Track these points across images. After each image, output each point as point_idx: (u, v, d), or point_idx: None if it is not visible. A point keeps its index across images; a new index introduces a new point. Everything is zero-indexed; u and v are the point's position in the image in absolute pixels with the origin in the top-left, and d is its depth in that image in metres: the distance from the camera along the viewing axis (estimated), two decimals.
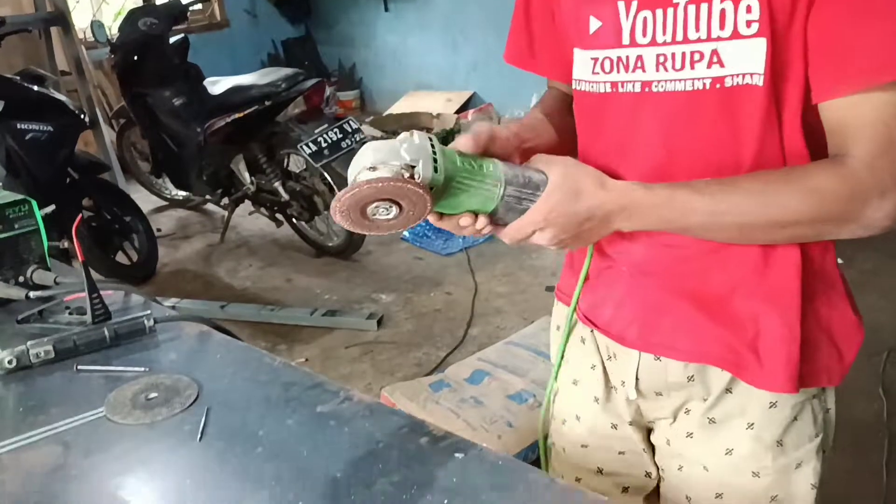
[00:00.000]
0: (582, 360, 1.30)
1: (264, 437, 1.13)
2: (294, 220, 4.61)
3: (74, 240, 1.45)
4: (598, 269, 1.18)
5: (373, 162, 0.94)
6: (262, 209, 4.70)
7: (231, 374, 1.34)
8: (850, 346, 1.12)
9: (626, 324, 1.18)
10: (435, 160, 0.95)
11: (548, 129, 1.23)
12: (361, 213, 0.96)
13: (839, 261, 1.10)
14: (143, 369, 1.35)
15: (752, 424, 1.12)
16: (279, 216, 4.66)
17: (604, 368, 1.26)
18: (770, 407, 1.10)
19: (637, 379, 1.19)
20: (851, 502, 2.41)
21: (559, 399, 1.37)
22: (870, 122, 0.92)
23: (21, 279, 1.64)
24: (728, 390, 1.12)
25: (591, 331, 1.27)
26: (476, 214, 1.01)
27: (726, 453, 1.14)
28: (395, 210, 0.95)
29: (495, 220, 1.03)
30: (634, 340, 1.17)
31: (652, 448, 1.29)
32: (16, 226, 1.62)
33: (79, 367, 1.37)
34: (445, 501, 0.99)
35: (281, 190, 4.39)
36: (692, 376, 1.13)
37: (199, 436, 1.15)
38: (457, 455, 1.08)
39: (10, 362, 1.34)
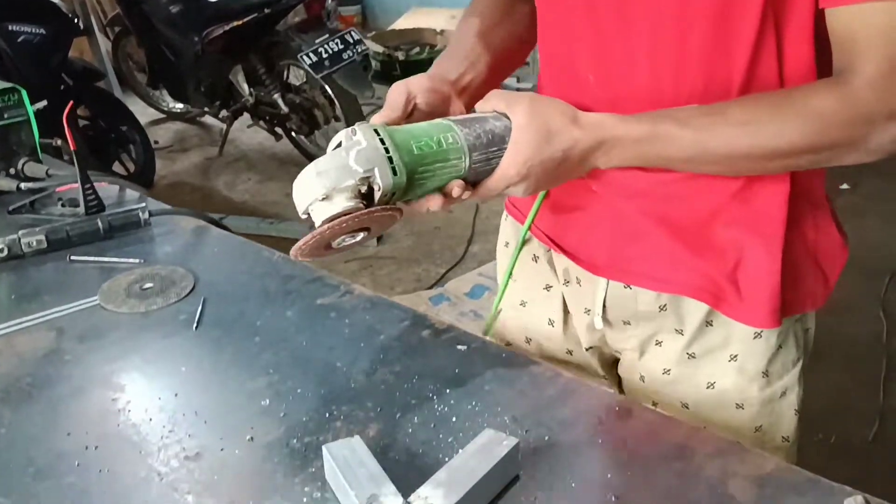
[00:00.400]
0: (534, 279, 1.21)
1: (262, 327, 1.11)
2: (293, 133, 4.52)
3: (65, 126, 1.39)
4: (566, 186, 1.00)
5: (324, 191, 0.79)
6: (261, 122, 4.61)
7: (229, 267, 1.31)
8: (834, 267, 1.05)
9: (596, 248, 1.08)
10: (391, 160, 0.80)
11: (485, 54, 1.07)
12: (325, 248, 0.86)
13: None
14: (137, 261, 1.31)
15: (736, 356, 1.05)
16: (278, 129, 4.58)
17: (562, 291, 1.18)
18: (755, 338, 1.03)
19: (604, 307, 1.10)
20: (848, 419, 2.43)
21: (505, 322, 1.28)
22: (881, 35, 0.80)
23: (12, 171, 1.59)
24: (708, 323, 1.04)
25: (549, 250, 1.17)
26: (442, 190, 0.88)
27: (708, 387, 1.07)
28: (361, 233, 0.86)
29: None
30: (604, 267, 1.07)
31: (616, 378, 1.21)
32: (5, 115, 1.57)
33: (72, 257, 1.33)
34: (447, 391, 0.96)
35: (280, 102, 4.30)
36: (664, 306, 1.05)
37: (195, 325, 1.13)
38: (459, 347, 1.05)
39: (1, 251, 1.31)
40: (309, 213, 0.82)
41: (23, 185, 1.53)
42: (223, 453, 0.88)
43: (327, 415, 0.93)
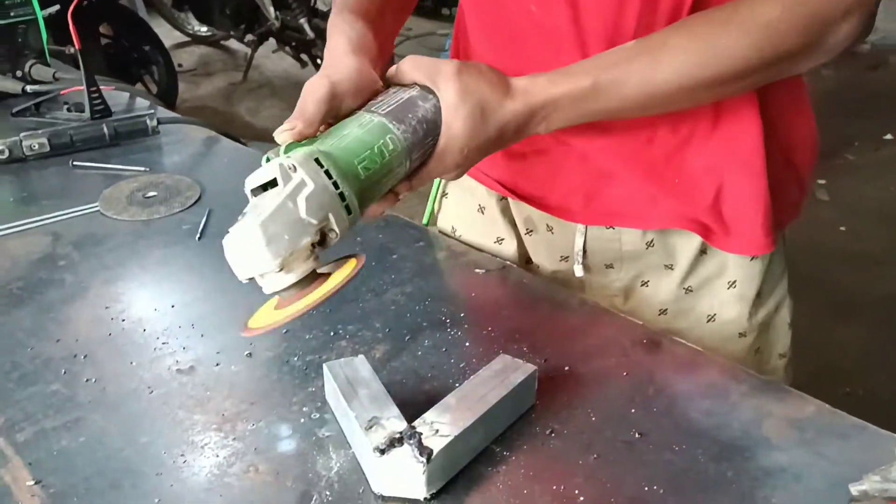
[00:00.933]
0: (482, 234, 1.08)
1: None
2: (319, 61, 4.42)
3: (70, 23, 1.31)
4: None
5: (279, 260, 0.62)
6: (287, 48, 4.51)
7: (237, 179, 1.20)
8: (808, 167, 0.98)
9: (566, 193, 0.97)
10: (342, 198, 0.65)
11: (384, 25, 0.90)
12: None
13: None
14: (142, 169, 1.25)
15: (734, 282, 0.97)
16: (304, 56, 4.48)
17: (518, 242, 1.07)
18: (751, 259, 0.96)
19: (584, 252, 1.00)
20: (875, 373, 2.35)
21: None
22: None
23: (18, 73, 1.52)
24: (703, 252, 0.96)
25: (501, 199, 1.05)
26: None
27: (708, 320, 1.00)
28: None
29: None
30: (579, 212, 0.97)
31: None
32: (11, 14, 1.49)
33: (74, 163, 1.27)
34: (462, 315, 0.90)
35: (307, 27, 4.18)
36: (651, 242, 0.97)
37: (198, 235, 1.06)
38: (477, 271, 0.98)
39: (1, 152, 1.25)
40: (268, 289, 0.66)
41: (28, 88, 1.46)
42: (218, 368, 0.82)
43: (332, 333, 0.87)
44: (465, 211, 1.09)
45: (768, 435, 0.72)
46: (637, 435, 0.72)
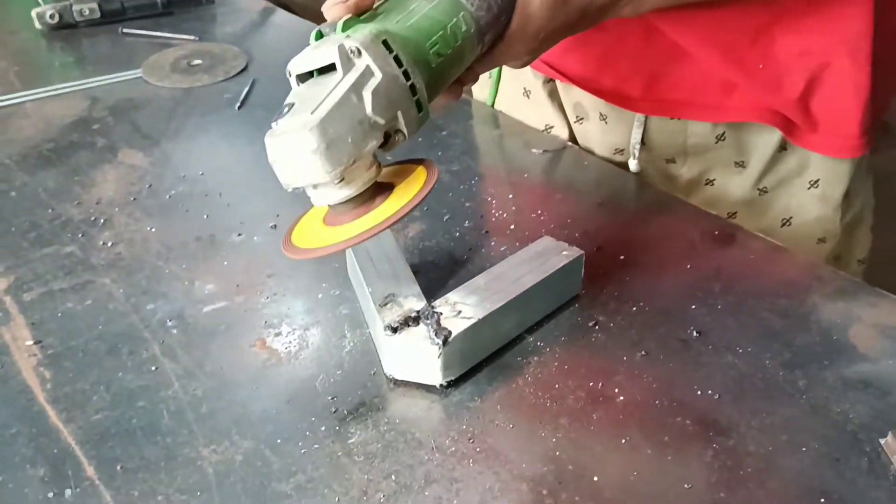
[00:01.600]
0: (530, 121, 0.96)
1: None
2: None
3: None
4: None
5: (339, 168, 0.50)
6: None
7: (287, 50, 1.13)
8: None
9: (625, 77, 0.84)
10: (414, 92, 0.52)
11: None
12: None
13: None
14: (191, 38, 1.18)
15: (817, 182, 0.84)
16: None
17: (570, 131, 0.94)
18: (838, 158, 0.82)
19: (642, 144, 0.88)
20: None
21: None
22: None
23: None
24: (782, 147, 0.83)
25: (549, 81, 0.93)
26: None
27: (783, 224, 0.87)
28: None
29: None
30: (639, 99, 0.84)
31: None
32: None
33: (124, 30, 1.21)
34: (510, 196, 0.80)
35: None
36: (722, 135, 0.84)
37: (238, 104, 0.99)
38: (534, 151, 0.88)
39: (51, 17, 1.20)
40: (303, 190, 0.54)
41: None
42: (240, 239, 0.76)
43: None
44: (509, 95, 0.98)
45: (854, 342, 0.61)
46: (695, 333, 0.62)
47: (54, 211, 0.80)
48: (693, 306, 0.65)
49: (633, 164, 0.89)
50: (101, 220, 0.79)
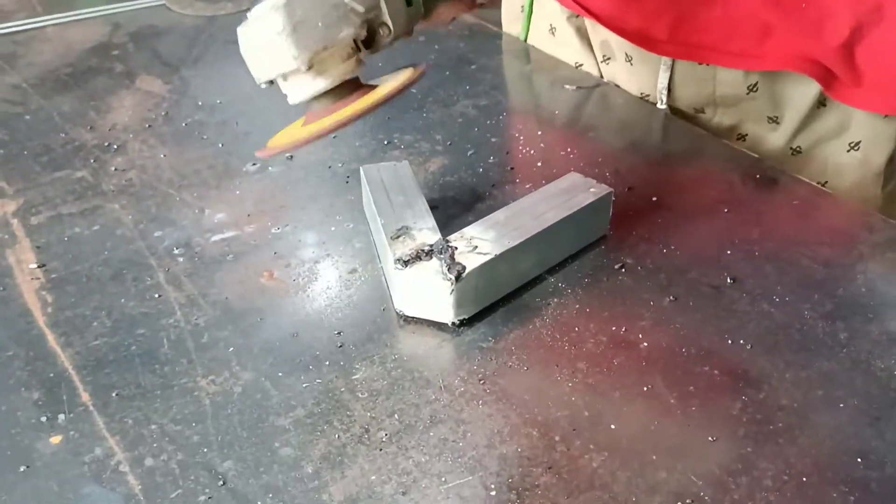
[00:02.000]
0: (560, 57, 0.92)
1: None
2: None
3: None
4: None
5: (307, 54, 0.47)
6: None
7: None
8: None
9: (651, 16, 0.78)
10: None
11: None
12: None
13: None
14: None
15: (858, 144, 0.76)
16: None
17: (599, 72, 0.89)
18: (884, 117, 0.73)
19: (669, 91, 0.82)
20: None
21: None
22: None
23: None
24: (821, 103, 0.76)
25: (575, 17, 0.88)
26: None
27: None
28: None
29: None
30: (666, 42, 0.78)
31: None
32: None
33: None
34: (539, 132, 0.76)
35: None
36: (754, 86, 0.77)
37: None
38: (567, 87, 0.83)
39: None
40: (273, 83, 0.51)
41: None
42: (255, 167, 0.73)
43: (386, 142, 0.75)
44: (540, 30, 0.92)
45: None
46: (729, 280, 0.58)
47: (68, 135, 0.78)
48: (728, 252, 0.61)
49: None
50: (115, 146, 0.76)
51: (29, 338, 0.55)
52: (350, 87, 0.50)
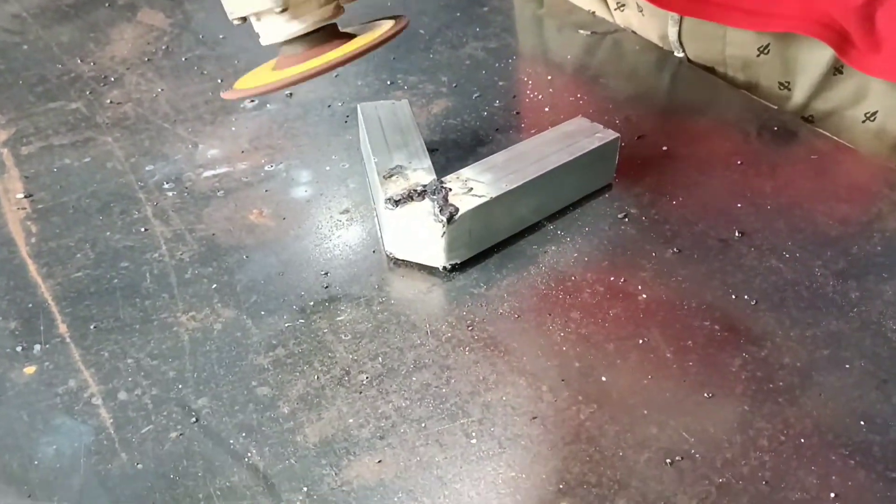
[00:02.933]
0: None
1: None
2: None
3: None
4: None
5: None
6: None
7: None
8: None
9: None
10: None
11: None
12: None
13: None
14: None
15: (874, 114, 0.70)
16: None
17: (612, 18, 0.85)
18: None
19: (680, 46, 0.77)
20: None
21: None
22: None
23: None
24: (836, 70, 0.70)
25: None
26: None
27: None
28: None
29: None
30: None
31: None
32: None
33: None
34: (549, 77, 0.73)
35: None
36: (766, 48, 0.72)
37: None
38: (581, 32, 0.80)
39: None
40: (246, 20, 0.50)
41: None
42: (252, 105, 0.70)
43: (389, 83, 0.73)
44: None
45: None
46: (738, 233, 0.55)
47: (64, 66, 0.76)
48: (739, 205, 0.58)
49: None
50: (112, 79, 0.74)
51: (10, 267, 0.54)
52: (326, 34, 0.48)
